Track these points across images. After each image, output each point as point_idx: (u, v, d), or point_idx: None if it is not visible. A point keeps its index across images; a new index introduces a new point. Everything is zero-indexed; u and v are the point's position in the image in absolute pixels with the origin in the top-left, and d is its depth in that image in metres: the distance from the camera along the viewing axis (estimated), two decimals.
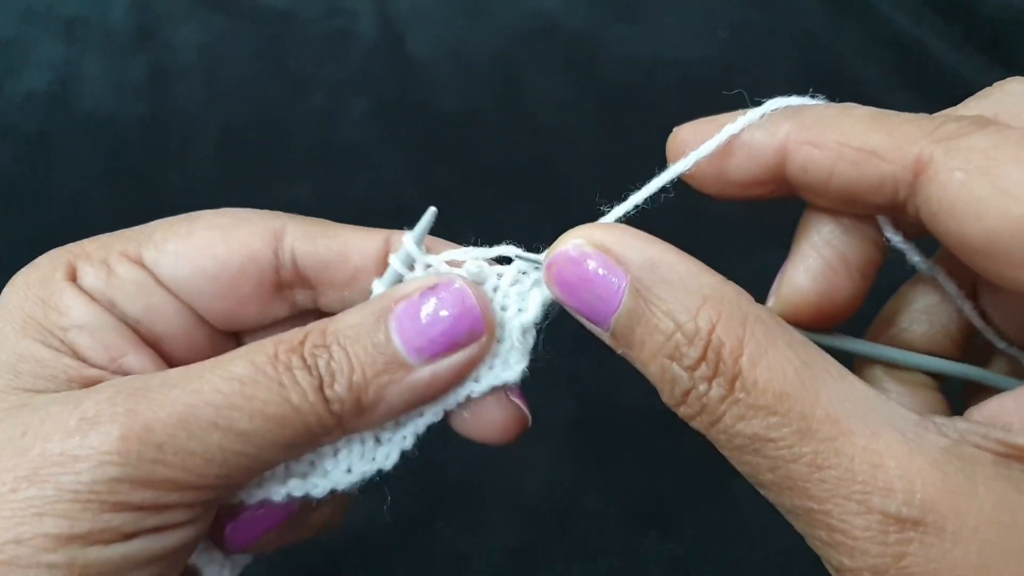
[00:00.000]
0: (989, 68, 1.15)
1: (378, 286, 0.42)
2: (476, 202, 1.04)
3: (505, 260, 0.43)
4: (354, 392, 0.38)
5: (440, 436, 0.43)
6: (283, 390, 0.36)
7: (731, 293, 0.34)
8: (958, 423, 0.31)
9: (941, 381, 0.42)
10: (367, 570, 0.80)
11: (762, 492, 0.33)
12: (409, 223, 0.44)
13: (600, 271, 0.35)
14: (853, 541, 0.29)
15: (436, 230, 0.44)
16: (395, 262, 0.42)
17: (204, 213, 0.44)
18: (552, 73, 1.18)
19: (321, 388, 0.37)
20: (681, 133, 0.39)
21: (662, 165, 0.41)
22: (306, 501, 0.42)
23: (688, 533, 0.82)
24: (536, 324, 0.42)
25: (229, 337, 0.46)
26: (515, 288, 0.42)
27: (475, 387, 0.41)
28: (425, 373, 0.39)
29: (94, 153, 1.07)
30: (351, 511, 0.48)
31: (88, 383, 0.39)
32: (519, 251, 0.42)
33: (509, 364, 0.41)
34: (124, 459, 0.34)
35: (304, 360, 0.37)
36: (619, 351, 0.36)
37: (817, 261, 0.38)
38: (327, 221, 0.45)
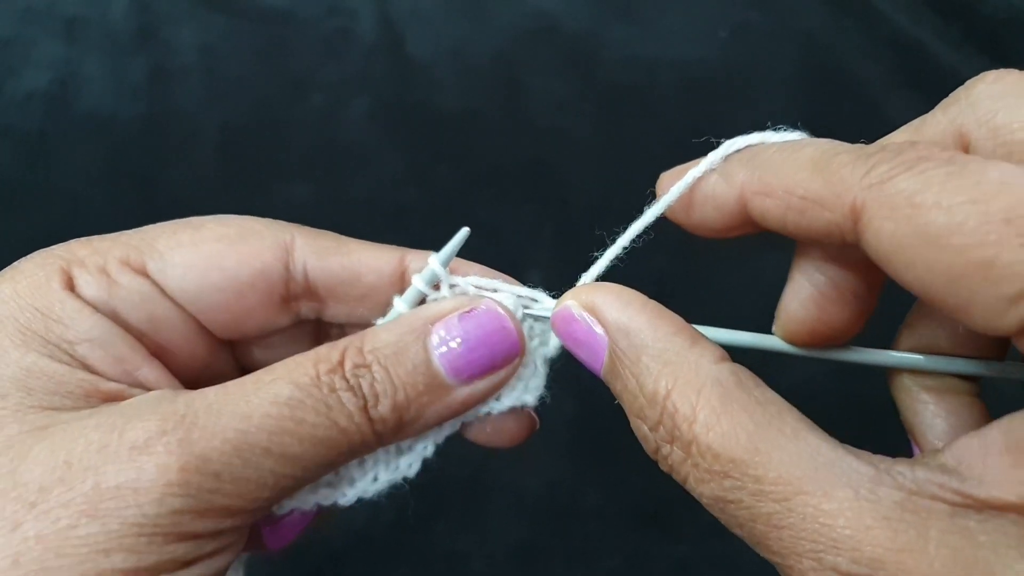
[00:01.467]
0: (989, 68, 1.15)
1: (399, 304, 0.42)
2: (476, 202, 1.04)
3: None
4: (397, 412, 0.38)
5: None
6: (330, 412, 0.37)
7: (693, 358, 0.35)
8: (917, 471, 0.31)
9: (977, 384, 0.41)
10: (367, 570, 0.80)
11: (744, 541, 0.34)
12: (409, 223, 0.44)
13: (586, 332, 0.38)
14: None
15: (436, 230, 0.44)
16: (419, 282, 0.42)
17: (207, 220, 0.43)
18: (552, 73, 1.18)
19: (366, 408, 0.38)
20: (664, 179, 0.41)
21: (661, 165, 0.41)
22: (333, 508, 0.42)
23: (688, 533, 0.82)
24: (554, 360, 0.44)
25: (225, 345, 0.46)
26: (539, 324, 0.43)
27: (496, 405, 0.43)
28: (462, 393, 0.40)
29: (94, 153, 1.07)
30: (352, 511, 0.48)
31: (107, 397, 0.38)
32: (538, 294, 0.43)
33: (530, 388, 0.43)
34: (184, 490, 0.34)
35: (347, 381, 0.38)
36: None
37: (809, 290, 0.39)
38: (337, 235, 0.45)
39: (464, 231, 0.42)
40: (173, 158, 1.08)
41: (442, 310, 0.40)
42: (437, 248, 0.43)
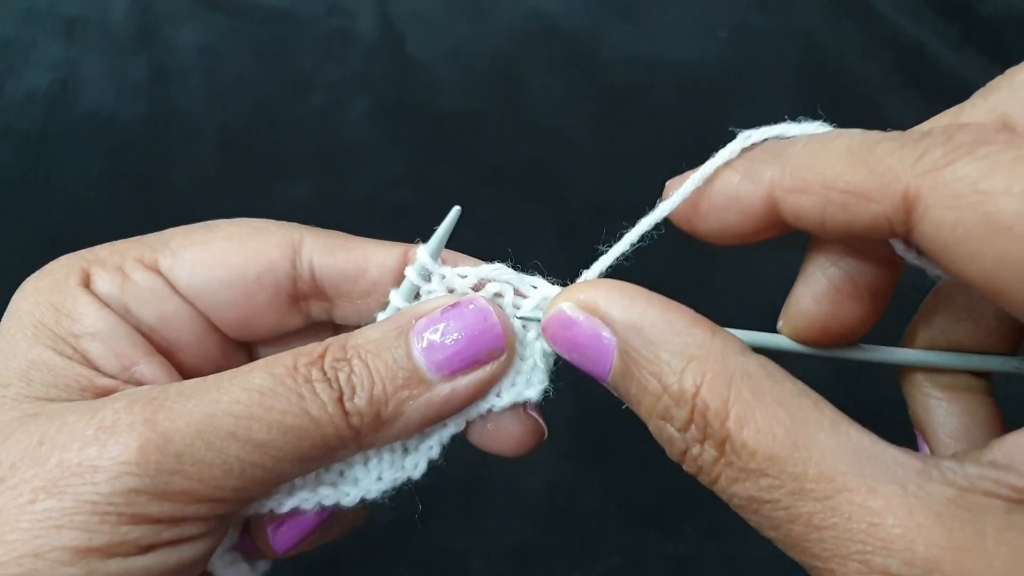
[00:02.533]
0: (989, 68, 1.15)
1: (395, 297, 0.42)
2: (476, 202, 1.04)
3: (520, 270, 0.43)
4: (374, 406, 0.38)
5: None
6: (302, 401, 0.36)
7: (718, 349, 0.33)
8: (968, 467, 0.29)
9: (990, 382, 0.40)
10: (367, 570, 0.80)
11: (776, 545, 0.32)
12: (409, 223, 0.44)
13: (589, 335, 0.35)
14: None
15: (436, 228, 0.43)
16: (411, 274, 0.42)
17: (221, 222, 0.44)
18: (552, 73, 1.18)
19: (341, 400, 0.37)
20: (670, 186, 0.39)
21: (661, 165, 0.41)
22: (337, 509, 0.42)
23: (688, 533, 0.82)
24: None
25: (241, 347, 0.46)
26: (537, 312, 0.42)
27: (497, 401, 0.41)
28: (444, 389, 0.39)
29: (94, 153, 1.07)
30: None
31: (101, 393, 0.38)
32: (537, 280, 0.42)
33: (531, 383, 0.42)
34: (142, 470, 0.34)
35: (324, 372, 0.37)
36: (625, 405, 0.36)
37: (823, 284, 0.38)
38: (344, 234, 0.45)
39: (454, 211, 0.41)
40: (173, 158, 1.08)
41: (430, 306, 0.40)
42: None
